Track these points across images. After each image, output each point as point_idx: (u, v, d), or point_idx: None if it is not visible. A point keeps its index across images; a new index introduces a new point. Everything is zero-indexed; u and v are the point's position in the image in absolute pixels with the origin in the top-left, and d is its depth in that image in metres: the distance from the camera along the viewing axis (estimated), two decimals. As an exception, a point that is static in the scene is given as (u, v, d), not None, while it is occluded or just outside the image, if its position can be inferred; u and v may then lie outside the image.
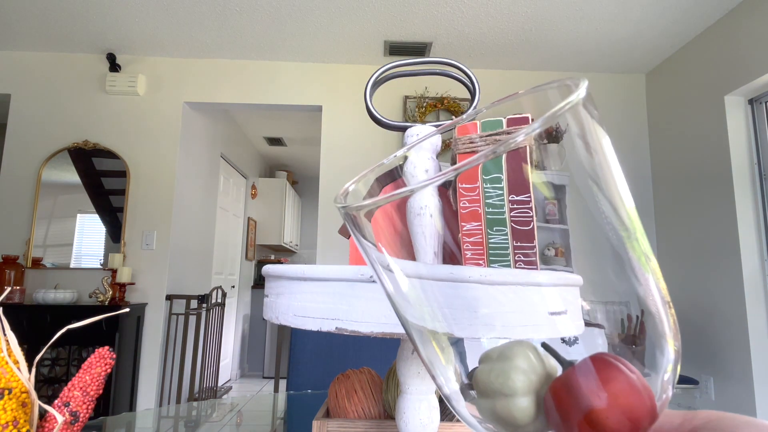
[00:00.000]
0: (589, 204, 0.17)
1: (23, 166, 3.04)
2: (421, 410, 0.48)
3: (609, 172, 0.17)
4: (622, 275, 0.17)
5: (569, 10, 2.61)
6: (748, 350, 2.44)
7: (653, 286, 0.17)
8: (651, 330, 0.17)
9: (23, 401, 0.43)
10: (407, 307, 0.19)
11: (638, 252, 0.17)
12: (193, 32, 2.91)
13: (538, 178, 0.19)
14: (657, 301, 0.17)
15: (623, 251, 0.17)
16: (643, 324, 0.17)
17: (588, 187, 0.16)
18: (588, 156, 0.17)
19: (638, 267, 0.17)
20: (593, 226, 0.17)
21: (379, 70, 0.62)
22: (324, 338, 1.24)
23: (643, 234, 0.18)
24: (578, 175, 0.17)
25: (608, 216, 0.17)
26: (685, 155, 2.95)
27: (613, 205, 0.17)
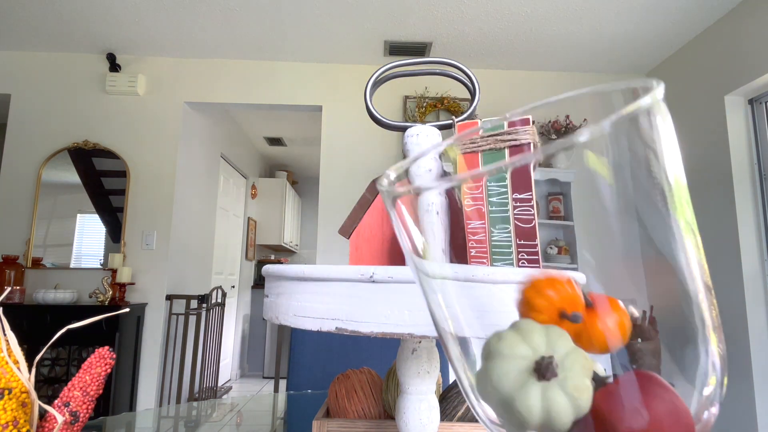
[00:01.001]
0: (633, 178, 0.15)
1: (23, 166, 3.03)
2: (421, 410, 0.48)
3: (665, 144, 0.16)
4: (636, 267, 0.16)
5: (569, 10, 2.61)
6: (748, 350, 2.44)
7: (696, 263, 0.16)
8: (683, 321, 0.16)
9: (23, 401, 0.43)
10: (432, 306, 0.19)
11: (683, 222, 0.16)
12: (193, 32, 2.91)
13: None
14: (698, 283, 0.16)
15: (665, 214, 0.16)
16: (653, 318, 0.17)
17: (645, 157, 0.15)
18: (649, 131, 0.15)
19: (680, 236, 0.16)
20: (607, 219, 0.16)
21: (379, 70, 0.62)
22: (324, 338, 1.24)
23: (689, 201, 0.16)
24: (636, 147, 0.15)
25: (659, 180, 0.15)
26: (685, 155, 2.95)
27: (665, 172, 0.16)
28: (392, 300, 0.37)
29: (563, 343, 0.17)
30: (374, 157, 3.20)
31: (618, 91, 0.17)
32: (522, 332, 0.18)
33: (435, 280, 0.18)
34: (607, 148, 0.14)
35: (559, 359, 0.17)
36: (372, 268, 0.38)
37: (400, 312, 0.37)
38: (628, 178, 0.16)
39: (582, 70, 3.33)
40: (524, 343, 0.17)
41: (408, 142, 0.56)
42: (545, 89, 3.33)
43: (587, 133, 0.14)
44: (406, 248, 0.20)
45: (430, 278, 0.19)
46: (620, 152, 0.15)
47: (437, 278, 0.18)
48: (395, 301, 0.37)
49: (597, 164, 0.15)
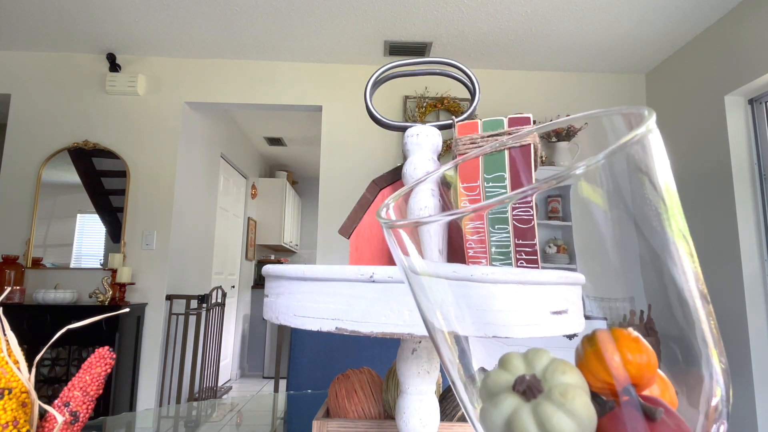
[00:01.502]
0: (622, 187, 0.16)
1: (23, 166, 3.03)
2: (421, 410, 0.48)
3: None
4: (633, 268, 0.16)
5: (569, 10, 2.61)
6: (748, 350, 2.44)
7: (690, 272, 0.16)
8: (679, 331, 0.16)
9: (23, 401, 0.43)
10: (424, 305, 0.19)
11: (676, 231, 0.16)
12: (193, 32, 2.91)
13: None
14: (693, 292, 0.16)
15: (660, 229, 0.16)
16: (651, 319, 0.16)
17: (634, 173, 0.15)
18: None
19: (674, 248, 0.16)
20: (604, 219, 0.16)
21: (379, 70, 0.62)
22: (324, 338, 1.24)
23: (681, 211, 0.17)
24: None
25: (647, 192, 0.16)
26: (685, 155, 2.95)
27: (652, 181, 0.16)
28: (392, 300, 0.37)
29: (541, 357, 0.17)
30: (374, 157, 3.20)
31: (610, 117, 0.18)
32: (503, 363, 0.18)
33: (428, 278, 0.18)
34: (601, 178, 0.15)
35: (540, 374, 0.17)
36: (372, 268, 0.38)
37: (400, 312, 0.37)
38: (623, 204, 0.16)
39: (582, 70, 3.33)
40: (506, 372, 0.17)
41: (408, 142, 0.56)
42: (545, 89, 3.33)
43: (584, 165, 0.14)
44: (398, 256, 0.20)
45: (420, 276, 0.18)
46: (614, 181, 0.15)
47: (432, 277, 0.18)
48: (395, 301, 0.37)
49: (592, 194, 0.15)
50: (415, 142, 0.55)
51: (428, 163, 0.54)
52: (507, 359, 0.18)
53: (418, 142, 0.54)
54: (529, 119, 0.50)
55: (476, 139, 0.51)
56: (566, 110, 3.29)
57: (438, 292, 0.18)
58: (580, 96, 3.32)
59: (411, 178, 0.54)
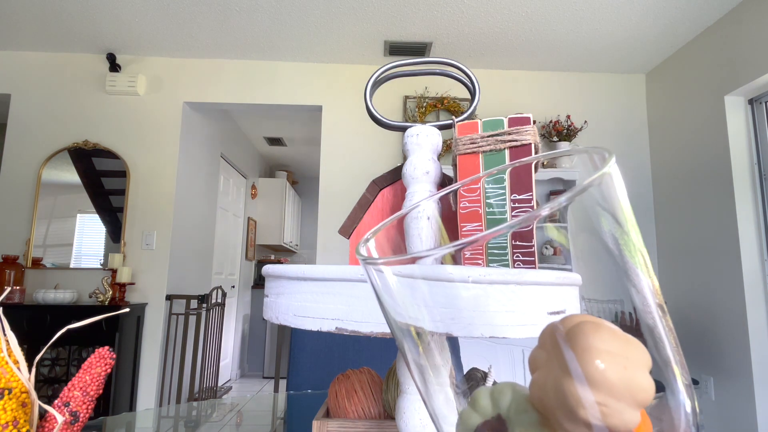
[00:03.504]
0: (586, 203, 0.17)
1: (23, 166, 3.04)
2: (421, 410, 0.48)
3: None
4: (616, 274, 0.17)
5: (569, 10, 2.61)
6: (748, 350, 2.44)
7: (645, 284, 0.17)
8: (651, 346, 0.16)
9: (23, 401, 0.43)
10: (396, 306, 0.19)
11: (631, 248, 0.17)
12: (193, 32, 2.91)
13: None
14: (651, 305, 0.16)
15: (617, 248, 0.17)
16: (638, 321, 0.17)
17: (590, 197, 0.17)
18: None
19: (630, 264, 0.17)
20: (589, 222, 0.17)
21: (379, 70, 0.62)
22: (324, 338, 1.24)
23: (636, 229, 0.17)
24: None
25: (605, 209, 0.17)
26: (685, 155, 2.95)
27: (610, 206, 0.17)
28: (392, 300, 0.37)
29: (505, 395, 0.17)
30: (374, 157, 3.20)
31: (584, 155, 0.19)
32: (472, 402, 0.18)
33: (417, 281, 0.18)
34: (565, 218, 0.16)
35: (504, 413, 0.17)
36: (371, 268, 0.38)
37: (400, 312, 0.37)
38: (584, 240, 0.17)
39: (582, 70, 3.33)
40: (475, 413, 0.17)
41: (408, 142, 0.56)
42: (545, 89, 3.33)
43: (548, 208, 0.15)
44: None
45: (406, 278, 0.19)
46: (575, 220, 0.17)
47: (423, 280, 0.18)
48: (395, 302, 0.37)
49: (556, 234, 0.17)
50: (415, 142, 0.55)
51: (428, 163, 0.54)
52: (475, 398, 0.18)
53: (418, 142, 0.55)
54: (529, 119, 0.50)
55: (476, 139, 0.51)
56: (566, 110, 3.29)
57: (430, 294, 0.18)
58: (580, 96, 3.32)
59: (411, 178, 0.54)
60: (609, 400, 0.14)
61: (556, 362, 0.14)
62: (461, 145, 0.51)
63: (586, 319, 0.15)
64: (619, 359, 0.14)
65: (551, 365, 0.15)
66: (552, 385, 0.14)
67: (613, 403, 0.14)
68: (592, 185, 0.16)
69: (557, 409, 0.14)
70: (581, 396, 0.14)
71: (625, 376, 0.14)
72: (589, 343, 0.14)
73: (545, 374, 0.15)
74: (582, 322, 0.15)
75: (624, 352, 0.14)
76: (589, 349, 0.14)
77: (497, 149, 0.50)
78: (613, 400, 0.14)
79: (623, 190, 0.17)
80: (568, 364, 0.14)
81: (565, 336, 0.15)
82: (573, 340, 0.14)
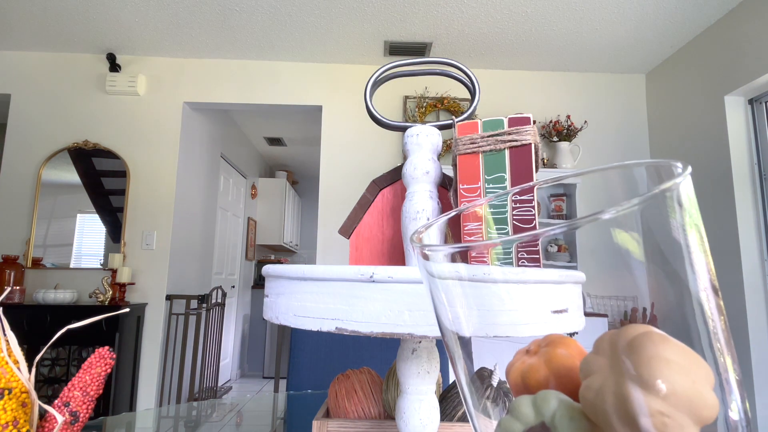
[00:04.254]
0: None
1: (23, 166, 3.03)
2: (421, 410, 0.48)
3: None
4: (638, 267, 0.16)
5: (569, 10, 2.60)
6: (748, 350, 2.44)
7: (703, 264, 0.16)
8: (686, 329, 0.16)
9: (23, 401, 0.43)
10: (437, 308, 0.19)
11: (689, 223, 0.17)
12: (193, 32, 2.91)
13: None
14: (707, 287, 0.16)
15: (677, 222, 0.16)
16: (654, 316, 0.16)
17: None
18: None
19: (691, 244, 0.16)
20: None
21: (379, 70, 0.62)
22: (324, 338, 1.24)
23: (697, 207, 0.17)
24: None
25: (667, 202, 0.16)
26: (685, 155, 2.95)
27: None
28: (392, 300, 0.37)
29: (550, 402, 0.17)
30: (374, 157, 3.20)
31: (642, 168, 0.19)
32: (513, 410, 0.17)
33: (440, 281, 0.18)
34: (635, 223, 0.16)
35: (549, 420, 0.16)
36: (372, 268, 0.38)
37: (400, 312, 0.37)
38: (654, 243, 0.17)
39: (582, 70, 3.33)
40: (516, 420, 0.17)
41: (408, 142, 0.56)
42: (545, 89, 3.33)
43: (614, 210, 0.15)
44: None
45: (436, 279, 0.19)
46: (647, 224, 0.16)
47: (442, 279, 0.18)
48: (395, 301, 0.37)
49: (627, 240, 0.16)
50: (415, 142, 0.55)
51: (428, 163, 0.54)
52: (516, 406, 0.17)
53: (418, 142, 0.54)
54: (529, 119, 0.50)
55: (476, 139, 0.51)
56: (566, 110, 3.29)
57: (445, 293, 0.18)
58: (580, 96, 3.32)
59: (411, 178, 0.54)
60: (673, 412, 0.13)
61: (618, 369, 0.14)
62: (461, 145, 0.51)
63: (651, 330, 0.15)
64: (688, 372, 0.14)
65: (610, 372, 0.14)
66: (612, 391, 0.14)
67: (677, 415, 0.13)
68: (669, 189, 0.16)
69: (614, 416, 0.14)
70: (645, 404, 0.13)
71: (693, 389, 0.14)
72: (658, 352, 0.14)
73: (602, 380, 0.15)
74: (649, 331, 0.15)
75: (692, 366, 0.14)
76: (658, 358, 0.14)
77: (497, 149, 0.50)
78: (677, 413, 0.13)
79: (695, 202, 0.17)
80: (632, 372, 0.14)
81: (630, 343, 0.14)
82: (640, 348, 0.14)
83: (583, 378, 0.15)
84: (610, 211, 0.15)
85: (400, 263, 0.59)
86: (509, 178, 0.49)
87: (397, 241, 0.60)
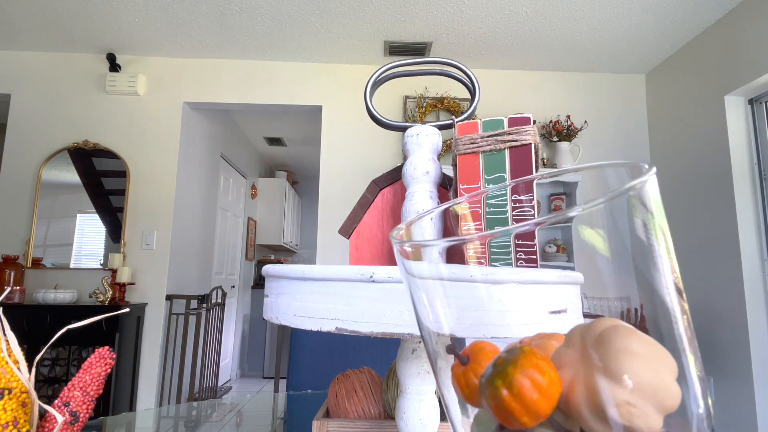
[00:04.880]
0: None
1: (23, 166, 3.03)
2: (421, 410, 0.48)
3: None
4: (625, 266, 0.17)
5: (569, 10, 2.61)
6: (748, 350, 2.44)
7: (667, 268, 0.16)
8: (662, 329, 0.16)
9: (23, 401, 0.43)
10: (419, 309, 0.19)
11: (658, 229, 0.17)
12: (193, 32, 2.91)
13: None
14: (670, 288, 0.16)
15: (646, 233, 0.17)
16: (643, 316, 0.17)
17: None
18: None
19: (654, 244, 0.17)
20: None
21: (379, 70, 0.62)
22: (324, 338, 1.24)
23: (663, 213, 0.18)
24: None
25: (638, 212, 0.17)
26: (685, 155, 2.95)
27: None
28: (392, 300, 0.37)
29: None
30: (374, 157, 3.20)
31: (611, 168, 0.19)
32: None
33: (426, 281, 0.18)
34: (601, 220, 0.17)
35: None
36: (372, 268, 0.38)
37: (400, 312, 0.37)
38: (620, 242, 0.18)
39: (582, 70, 3.33)
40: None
41: (408, 142, 0.56)
42: (545, 89, 3.33)
43: (579, 208, 0.15)
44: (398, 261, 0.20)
45: (417, 278, 0.19)
46: (613, 222, 0.17)
47: (430, 279, 0.18)
48: (395, 301, 0.37)
49: (593, 236, 0.17)
50: (415, 142, 0.55)
51: (428, 163, 0.54)
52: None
53: (418, 142, 0.54)
54: (529, 119, 0.50)
55: (476, 139, 0.51)
56: (566, 110, 3.29)
57: (436, 294, 0.18)
58: (580, 96, 3.32)
59: (411, 178, 0.54)
60: (638, 401, 0.14)
61: (588, 361, 0.15)
62: (461, 145, 0.51)
63: (618, 323, 0.15)
64: (653, 364, 0.14)
65: (581, 364, 0.15)
66: (582, 383, 0.15)
67: (642, 404, 0.14)
68: (633, 188, 0.16)
69: (584, 407, 0.14)
70: (612, 395, 0.14)
71: (657, 380, 0.14)
72: (624, 344, 0.14)
73: (573, 372, 0.15)
74: (616, 325, 0.15)
75: (656, 357, 0.14)
76: (624, 350, 0.14)
77: (497, 149, 0.50)
78: (642, 402, 0.14)
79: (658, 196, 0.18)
80: (601, 364, 0.14)
81: (598, 337, 0.15)
82: (608, 341, 0.15)
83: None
84: (576, 209, 0.15)
85: (399, 263, 0.59)
86: (509, 178, 0.49)
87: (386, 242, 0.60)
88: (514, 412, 0.15)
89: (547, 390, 0.15)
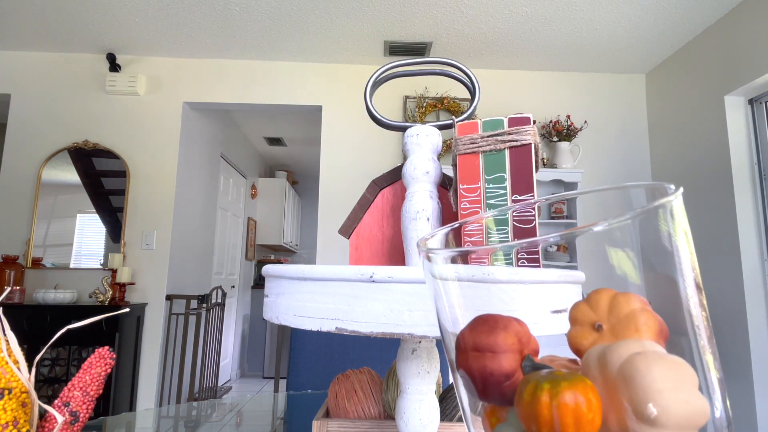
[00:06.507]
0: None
1: (23, 166, 3.03)
2: (421, 410, 0.48)
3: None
4: (636, 262, 0.17)
5: (569, 10, 2.60)
6: (748, 350, 2.44)
7: (687, 260, 0.16)
8: (675, 325, 0.16)
9: (23, 401, 0.43)
10: (438, 308, 0.19)
11: (678, 229, 0.17)
12: (193, 32, 2.91)
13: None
14: (692, 284, 0.16)
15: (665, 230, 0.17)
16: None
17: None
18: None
19: (675, 244, 0.17)
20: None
21: (379, 70, 0.62)
22: (324, 338, 1.24)
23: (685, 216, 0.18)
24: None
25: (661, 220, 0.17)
26: (685, 155, 2.95)
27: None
28: (392, 300, 0.37)
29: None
30: (374, 157, 3.20)
31: (638, 189, 0.20)
32: (511, 418, 0.18)
33: (439, 282, 0.18)
34: (628, 236, 0.17)
35: None
36: (372, 268, 0.38)
37: (400, 312, 0.37)
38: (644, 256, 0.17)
39: (582, 70, 3.33)
40: (512, 428, 0.17)
41: (408, 142, 0.56)
42: (545, 89, 3.33)
43: (606, 223, 0.15)
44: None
45: (437, 279, 0.19)
46: (640, 238, 0.17)
47: (440, 279, 0.18)
48: (395, 301, 0.37)
49: (620, 249, 0.17)
50: (415, 142, 0.55)
51: (428, 163, 0.54)
52: (513, 414, 0.18)
53: (418, 142, 0.54)
54: (529, 119, 0.50)
55: (476, 139, 0.51)
56: (566, 110, 3.29)
57: (444, 294, 0.18)
58: (580, 96, 3.32)
59: (411, 178, 0.54)
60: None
61: (614, 396, 0.14)
62: (461, 145, 0.51)
63: (641, 352, 0.15)
64: (680, 393, 0.14)
65: (606, 397, 0.15)
66: (616, 426, 0.14)
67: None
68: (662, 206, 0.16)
69: None
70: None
71: (688, 409, 0.14)
72: (648, 383, 0.14)
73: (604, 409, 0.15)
74: (633, 356, 0.15)
75: (680, 380, 0.14)
76: (650, 390, 0.14)
77: (497, 149, 0.50)
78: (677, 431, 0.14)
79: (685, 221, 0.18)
80: (629, 406, 0.14)
81: (619, 372, 0.14)
82: (631, 379, 0.14)
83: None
84: (603, 223, 0.15)
85: (400, 263, 0.59)
86: (509, 178, 0.49)
87: (397, 241, 0.60)
88: (563, 427, 0.14)
89: (592, 419, 0.14)
